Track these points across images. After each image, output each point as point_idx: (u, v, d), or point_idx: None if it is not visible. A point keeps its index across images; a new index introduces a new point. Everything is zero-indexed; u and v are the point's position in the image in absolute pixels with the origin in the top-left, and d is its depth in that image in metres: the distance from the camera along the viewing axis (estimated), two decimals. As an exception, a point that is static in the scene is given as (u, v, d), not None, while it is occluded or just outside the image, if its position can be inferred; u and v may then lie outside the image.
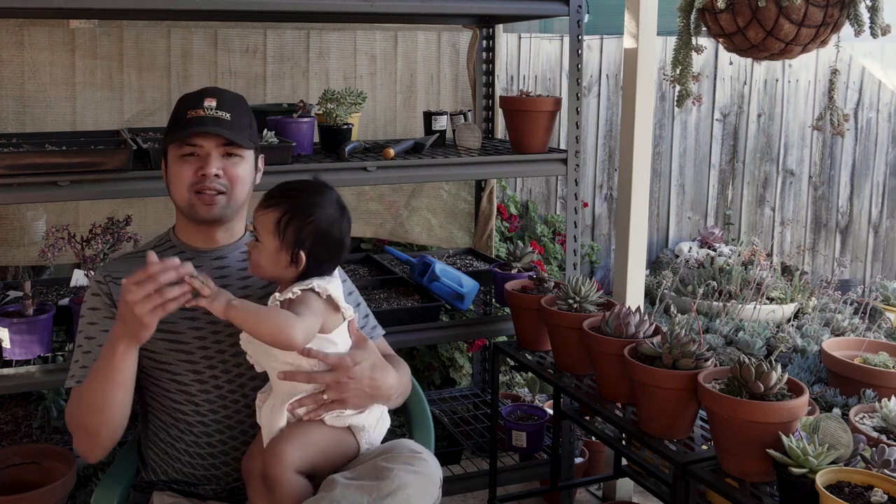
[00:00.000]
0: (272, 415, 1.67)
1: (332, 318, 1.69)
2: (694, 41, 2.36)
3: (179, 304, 1.52)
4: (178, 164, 1.77)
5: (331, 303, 1.67)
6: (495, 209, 3.45)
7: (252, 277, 1.79)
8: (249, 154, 1.82)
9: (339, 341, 1.71)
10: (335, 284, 1.71)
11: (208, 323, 1.76)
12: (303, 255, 1.64)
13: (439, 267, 2.85)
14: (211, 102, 1.76)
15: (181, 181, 1.76)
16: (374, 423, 1.75)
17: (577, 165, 2.75)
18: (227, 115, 1.76)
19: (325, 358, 1.66)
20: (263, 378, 1.73)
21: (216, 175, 1.74)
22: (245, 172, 1.80)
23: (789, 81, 4.74)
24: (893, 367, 2.39)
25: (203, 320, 1.76)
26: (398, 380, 1.81)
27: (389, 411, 1.83)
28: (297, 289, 1.63)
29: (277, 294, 1.66)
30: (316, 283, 1.65)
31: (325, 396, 1.65)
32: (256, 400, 1.73)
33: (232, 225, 1.85)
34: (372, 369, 1.71)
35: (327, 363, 1.66)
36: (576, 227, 2.81)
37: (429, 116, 2.97)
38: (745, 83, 4.66)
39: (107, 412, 1.63)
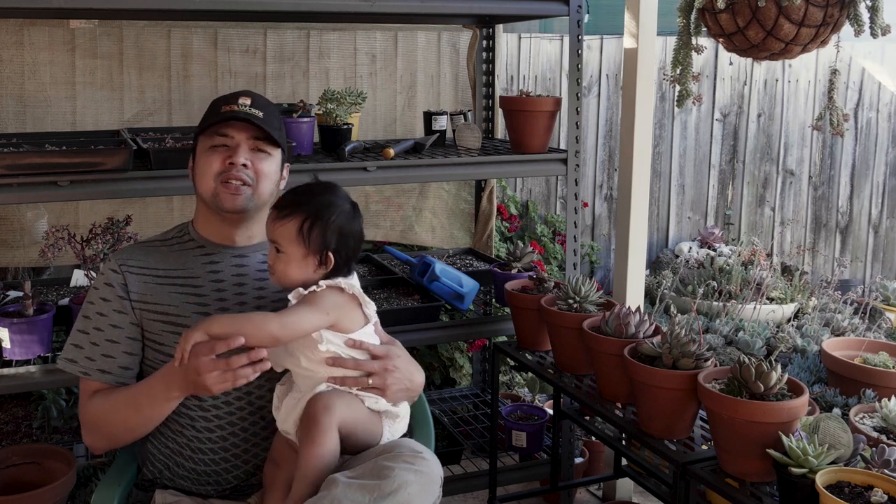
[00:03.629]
0: (294, 409, 1.68)
1: (355, 316, 1.72)
2: (694, 41, 2.37)
3: (249, 379, 1.58)
4: (207, 155, 1.80)
5: (355, 299, 1.71)
6: (495, 209, 3.45)
7: (267, 281, 1.82)
8: (277, 154, 1.86)
9: (367, 339, 1.76)
10: (356, 281, 1.75)
11: None
12: (331, 255, 1.68)
13: (439, 267, 2.85)
14: (245, 101, 1.81)
15: (209, 170, 1.79)
16: (405, 413, 1.80)
17: (577, 165, 2.75)
18: (260, 113, 1.81)
19: (372, 349, 1.73)
20: (269, 375, 1.73)
21: (244, 165, 1.78)
22: (271, 170, 1.84)
23: (789, 81, 4.74)
24: (893, 367, 2.39)
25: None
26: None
27: None
28: (323, 283, 1.67)
29: (302, 289, 1.68)
30: (343, 281, 1.69)
31: (370, 381, 1.70)
32: (275, 391, 1.75)
33: (251, 226, 1.87)
34: (408, 363, 1.81)
35: (374, 353, 1.73)
36: (576, 227, 2.81)
37: (429, 116, 2.97)
38: (745, 83, 4.67)
39: (139, 432, 1.76)
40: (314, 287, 1.66)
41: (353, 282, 1.72)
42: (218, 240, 1.86)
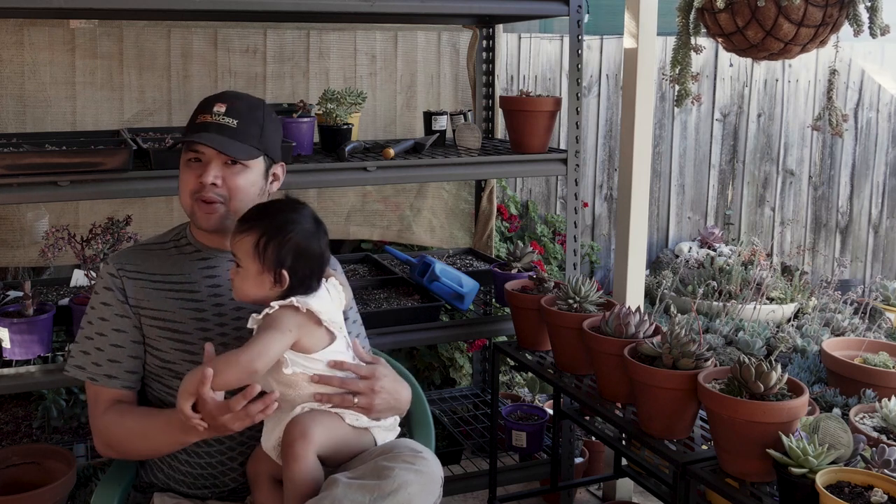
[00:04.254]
0: (275, 429, 1.67)
1: (317, 334, 1.66)
2: (693, 41, 2.37)
3: (265, 415, 1.57)
4: (184, 169, 1.77)
5: (312, 317, 1.64)
6: (495, 209, 3.45)
7: None
8: (257, 163, 1.78)
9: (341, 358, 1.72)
10: (319, 299, 1.69)
11: (216, 325, 1.77)
12: (285, 274, 1.64)
13: (439, 267, 2.85)
14: (220, 108, 1.74)
15: (185, 186, 1.77)
16: (391, 423, 1.78)
17: (577, 165, 2.75)
18: (234, 121, 1.74)
19: (356, 368, 1.70)
20: None
21: (213, 184, 1.73)
22: (247, 182, 1.77)
23: (789, 81, 4.74)
24: (893, 367, 2.39)
25: (212, 322, 1.77)
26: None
27: None
28: (275, 304, 1.62)
29: (256, 314, 1.64)
30: (296, 298, 1.63)
31: (355, 400, 1.68)
32: None
33: None
34: (394, 382, 1.78)
35: (359, 373, 1.70)
36: (576, 227, 2.81)
37: (429, 116, 2.97)
38: (745, 83, 4.67)
39: (147, 457, 1.81)
40: (267, 310, 1.62)
41: (309, 300, 1.65)
42: (213, 244, 1.84)
